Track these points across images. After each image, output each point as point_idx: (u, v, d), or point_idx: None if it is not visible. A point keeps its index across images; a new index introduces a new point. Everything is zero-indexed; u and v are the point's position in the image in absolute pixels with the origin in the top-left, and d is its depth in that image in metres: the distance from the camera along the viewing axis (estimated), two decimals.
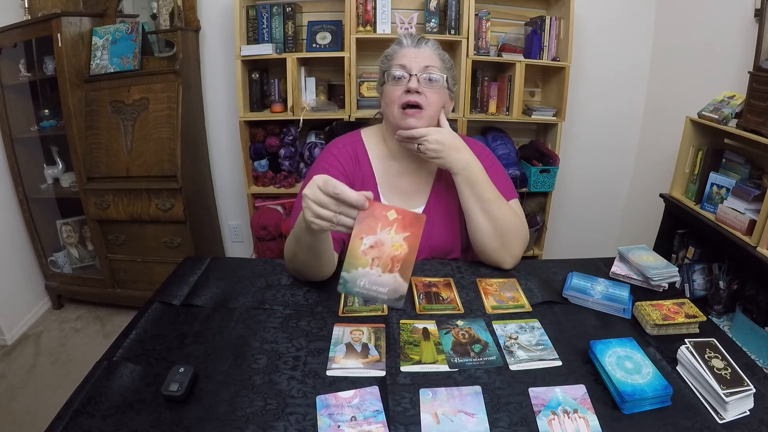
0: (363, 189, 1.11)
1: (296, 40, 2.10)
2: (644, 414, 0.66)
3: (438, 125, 1.06)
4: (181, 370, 0.69)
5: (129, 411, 0.65)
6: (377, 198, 1.13)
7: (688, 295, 1.73)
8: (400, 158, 1.13)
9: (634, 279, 1.00)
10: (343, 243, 1.08)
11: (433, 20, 2.07)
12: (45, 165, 2.28)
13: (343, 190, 0.71)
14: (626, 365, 0.71)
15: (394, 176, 1.14)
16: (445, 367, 0.75)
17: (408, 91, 1.01)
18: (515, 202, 1.11)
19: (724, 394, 0.65)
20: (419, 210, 1.13)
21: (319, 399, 0.67)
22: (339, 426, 0.63)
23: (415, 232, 0.70)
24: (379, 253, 0.67)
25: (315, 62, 2.20)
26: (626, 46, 2.31)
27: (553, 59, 2.12)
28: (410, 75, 1.02)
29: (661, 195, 1.85)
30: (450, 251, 1.15)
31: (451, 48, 2.11)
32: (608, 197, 2.62)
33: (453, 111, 2.14)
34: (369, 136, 1.17)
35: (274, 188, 2.24)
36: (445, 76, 1.05)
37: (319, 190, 0.72)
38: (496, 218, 1.02)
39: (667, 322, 0.82)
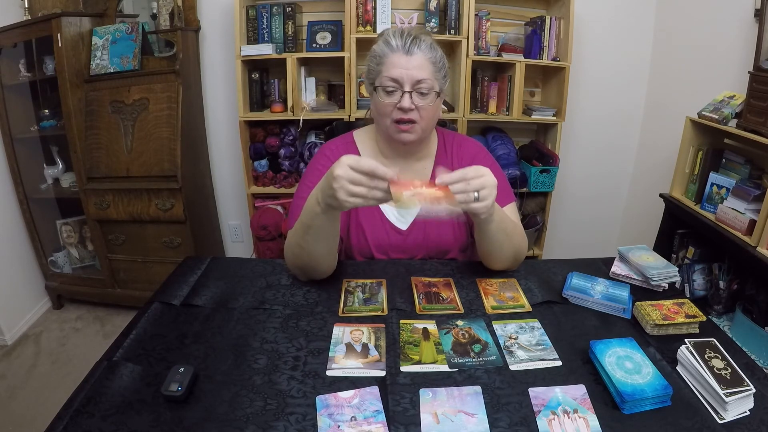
0: None
1: (296, 40, 2.10)
2: (644, 414, 0.66)
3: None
4: (181, 370, 0.69)
5: (129, 411, 0.65)
6: None
7: (688, 295, 1.73)
8: (392, 158, 1.14)
9: (634, 279, 1.00)
10: (341, 240, 1.10)
11: (433, 20, 2.07)
12: (45, 165, 2.28)
13: (377, 166, 0.76)
14: (626, 365, 0.71)
15: None
16: (445, 367, 0.75)
17: (401, 108, 0.99)
18: (513, 206, 1.10)
19: (724, 394, 0.65)
20: (415, 210, 1.13)
21: (319, 399, 0.67)
22: (339, 426, 0.63)
23: (444, 188, 0.76)
24: (422, 197, 0.73)
25: (315, 62, 2.20)
26: (626, 46, 2.31)
27: (553, 59, 2.12)
28: (402, 92, 0.99)
29: (661, 195, 1.85)
30: (447, 251, 1.15)
31: (451, 48, 2.11)
32: (608, 197, 2.62)
33: (453, 111, 2.17)
34: (361, 138, 1.18)
35: (274, 188, 2.24)
36: (437, 86, 1.01)
37: (351, 170, 0.77)
38: (515, 245, 1.00)
39: (667, 322, 0.82)
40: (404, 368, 0.74)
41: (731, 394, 0.65)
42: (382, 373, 0.73)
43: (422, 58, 1.00)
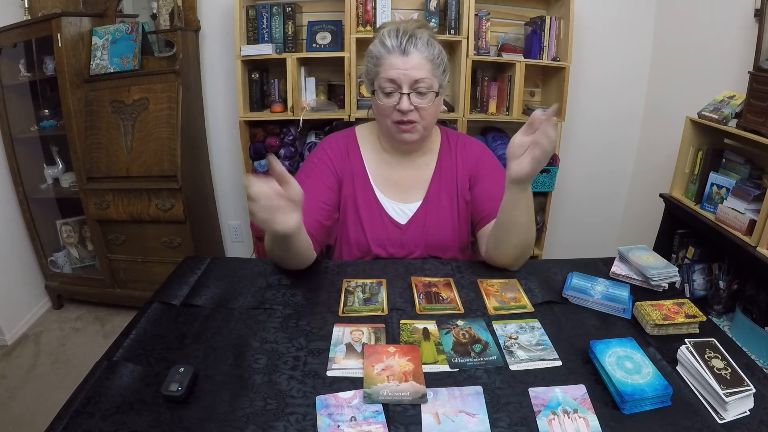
0: (354, 183, 1.13)
1: (296, 40, 2.10)
2: (644, 414, 0.66)
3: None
4: (181, 370, 0.69)
5: (129, 411, 0.65)
6: (371, 191, 1.13)
7: (688, 295, 1.73)
8: (394, 155, 1.14)
9: (634, 279, 1.00)
10: (322, 247, 1.10)
11: (433, 20, 2.07)
12: (45, 165, 2.28)
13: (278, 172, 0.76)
14: (626, 365, 0.71)
15: (387, 170, 1.15)
16: (445, 367, 0.75)
17: (400, 110, 1.00)
18: None
19: (724, 394, 0.65)
20: (416, 205, 1.14)
21: (319, 399, 0.67)
22: (339, 426, 0.63)
23: (414, 355, 0.76)
24: (391, 372, 0.73)
25: (315, 62, 2.20)
26: (626, 46, 2.31)
27: (553, 59, 2.12)
28: (401, 94, 0.99)
29: (661, 195, 1.85)
30: (446, 248, 1.15)
31: (451, 48, 2.11)
32: (608, 197, 2.62)
33: (453, 111, 2.17)
34: (363, 133, 1.18)
35: None
36: (436, 84, 1.01)
37: (254, 187, 0.75)
38: (531, 231, 0.98)
39: (667, 322, 0.82)
40: None
41: (731, 394, 0.65)
42: None
43: (419, 57, 0.99)
